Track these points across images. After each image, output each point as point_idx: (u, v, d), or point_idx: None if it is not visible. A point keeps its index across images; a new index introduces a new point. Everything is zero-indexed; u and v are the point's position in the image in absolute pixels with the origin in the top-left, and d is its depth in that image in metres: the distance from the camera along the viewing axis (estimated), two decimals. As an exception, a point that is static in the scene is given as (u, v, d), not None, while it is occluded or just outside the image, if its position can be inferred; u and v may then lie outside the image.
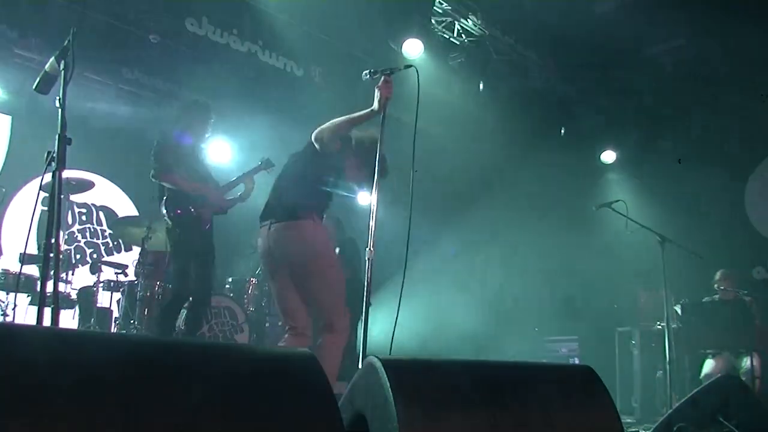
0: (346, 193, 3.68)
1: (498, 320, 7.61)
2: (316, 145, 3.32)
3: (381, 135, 3.08)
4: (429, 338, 7.94)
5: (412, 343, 7.80)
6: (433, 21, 6.56)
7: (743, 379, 5.21)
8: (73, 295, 5.35)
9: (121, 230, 5.87)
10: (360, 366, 1.84)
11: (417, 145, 3.53)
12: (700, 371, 5.82)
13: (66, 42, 2.83)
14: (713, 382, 3.17)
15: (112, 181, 7.13)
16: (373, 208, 3.03)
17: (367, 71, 3.17)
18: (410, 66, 3.21)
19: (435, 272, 8.36)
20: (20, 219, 6.18)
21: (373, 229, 2.97)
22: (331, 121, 3.29)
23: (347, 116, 3.23)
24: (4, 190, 5.39)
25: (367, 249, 2.98)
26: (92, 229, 6.90)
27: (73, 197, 5.80)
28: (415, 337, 7.83)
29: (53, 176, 2.62)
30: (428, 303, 8.32)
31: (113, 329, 5.29)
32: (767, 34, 6.15)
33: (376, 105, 3.11)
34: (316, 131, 3.31)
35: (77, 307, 5.40)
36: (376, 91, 3.10)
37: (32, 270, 4.82)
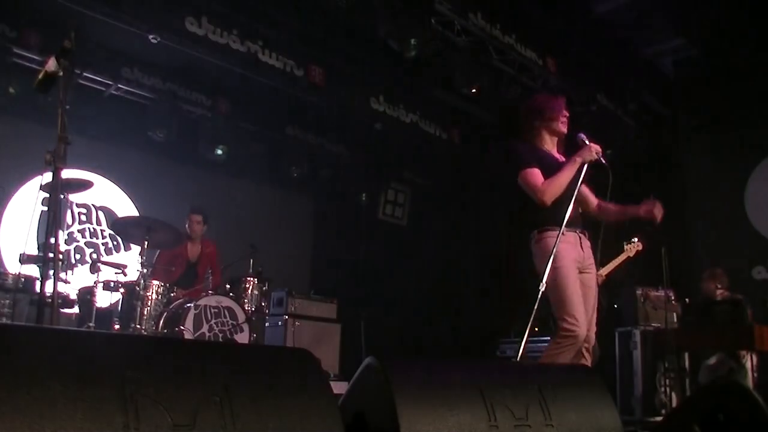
0: None
1: (497, 319, 7.60)
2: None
3: (578, 184, 3.32)
4: (428, 336, 7.95)
5: (412, 342, 7.82)
6: (432, 20, 6.54)
7: (742, 379, 5.23)
8: (73, 295, 5.34)
9: (121, 230, 5.87)
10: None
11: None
12: (699, 371, 5.82)
13: (66, 42, 2.83)
14: (713, 383, 3.17)
15: (111, 181, 7.13)
16: (554, 244, 3.16)
17: (583, 134, 3.48)
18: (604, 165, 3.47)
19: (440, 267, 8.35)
20: (19, 219, 6.18)
21: (549, 266, 3.09)
22: (551, 183, 3.34)
23: (564, 174, 3.36)
24: (2, 186, 5.40)
25: (542, 283, 3.07)
26: (92, 229, 6.91)
27: (73, 197, 5.78)
28: (415, 335, 7.85)
29: (53, 176, 2.62)
30: (428, 300, 8.34)
31: (113, 329, 5.28)
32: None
33: (587, 156, 3.36)
34: (542, 199, 3.33)
35: (77, 307, 5.39)
36: (590, 146, 3.39)
37: (32, 270, 4.81)
